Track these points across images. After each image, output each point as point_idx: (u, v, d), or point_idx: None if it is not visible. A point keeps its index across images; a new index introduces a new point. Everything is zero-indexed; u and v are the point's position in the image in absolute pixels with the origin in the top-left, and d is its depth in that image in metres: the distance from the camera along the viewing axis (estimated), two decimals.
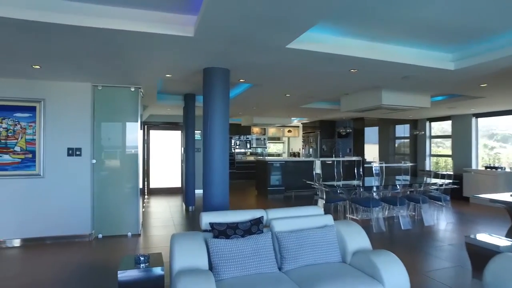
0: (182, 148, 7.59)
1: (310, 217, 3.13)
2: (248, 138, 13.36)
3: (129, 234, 5.07)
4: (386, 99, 5.79)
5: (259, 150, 13.81)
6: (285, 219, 3.03)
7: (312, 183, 6.71)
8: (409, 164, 8.66)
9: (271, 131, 13.85)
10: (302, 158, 11.49)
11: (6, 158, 4.50)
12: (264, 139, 13.72)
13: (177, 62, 3.84)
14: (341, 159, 9.73)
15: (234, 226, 2.80)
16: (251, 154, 13.68)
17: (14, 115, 4.53)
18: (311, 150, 12.31)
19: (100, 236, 4.95)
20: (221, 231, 2.74)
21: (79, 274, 3.66)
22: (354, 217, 6.26)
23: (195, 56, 3.58)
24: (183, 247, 2.54)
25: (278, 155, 14.28)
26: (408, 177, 7.19)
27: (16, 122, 4.53)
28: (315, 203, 6.92)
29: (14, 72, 4.21)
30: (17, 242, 4.56)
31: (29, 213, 4.60)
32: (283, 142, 14.57)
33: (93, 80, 4.77)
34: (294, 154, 13.78)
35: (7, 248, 4.48)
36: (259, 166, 9.77)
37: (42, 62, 3.77)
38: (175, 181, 9.54)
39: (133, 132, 5.11)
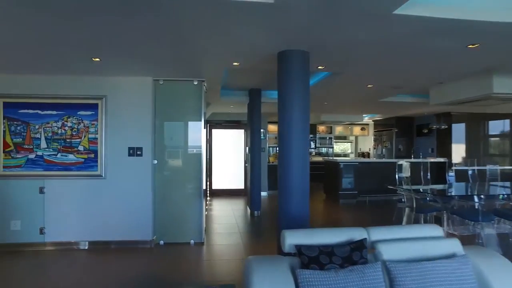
0: (247, 148, 7.04)
1: (429, 241, 2.25)
2: (312, 137, 12.51)
3: (192, 241, 4.61)
4: (499, 87, 4.58)
5: (323, 150, 12.87)
6: (395, 243, 2.20)
7: (397, 187, 5.67)
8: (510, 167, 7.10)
9: (338, 130, 12.79)
10: (378, 159, 10.28)
11: (71, 157, 4.32)
12: (330, 138, 12.71)
13: (249, 44, 3.21)
14: (427, 160, 8.39)
15: (329, 252, 2.05)
16: (316, 154, 12.80)
17: (78, 113, 4.33)
18: (384, 150, 11.04)
19: (161, 242, 4.57)
20: (312, 258, 2.01)
21: (138, 285, 3.27)
22: (451, 232, 5.11)
23: (271, 35, 2.92)
24: (264, 280, 1.88)
25: (345, 155, 13.15)
26: (508, 183, 5.81)
27: (80, 120, 4.33)
28: (398, 212, 5.89)
29: (76, 68, 3.98)
30: (85, 245, 4.36)
31: (93, 215, 4.37)
32: (350, 142, 13.40)
33: (154, 74, 4.39)
34: (363, 155, 12.56)
35: (77, 250, 4.30)
36: (329, 167, 8.83)
37: (101, 54, 3.44)
38: (238, 183, 9.08)
39: (197, 130, 4.65)
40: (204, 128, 4.71)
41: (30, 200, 4.32)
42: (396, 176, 5.88)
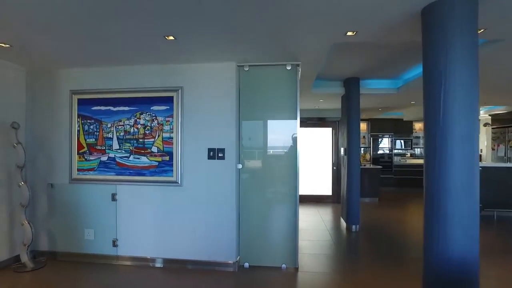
0: (342, 149, 5.88)
1: None
2: (408, 136, 10.73)
3: (283, 266, 3.67)
4: None
5: (417, 151, 10.98)
6: None
7: None
8: None
9: None
10: (507, 164, 8.14)
11: (144, 160, 3.71)
12: None
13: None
14: None
15: None
16: (411, 156, 10.96)
17: (151, 108, 3.70)
18: (509, 151, 8.78)
19: (246, 265, 3.71)
20: None
21: None
22: None
23: None
24: None
25: None
26: None
27: (153, 117, 3.69)
28: None
29: (148, 53, 3.33)
30: (159, 262, 3.73)
31: (168, 229, 3.71)
32: None
33: (238, 58, 3.54)
34: None
35: (151, 268, 3.69)
36: None
37: (176, 29, 2.68)
38: (324, 188, 7.93)
39: (290, 128, 3.69)
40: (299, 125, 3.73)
41: (102, 207, 3.84)
42: None
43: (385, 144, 10.61)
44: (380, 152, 10.58)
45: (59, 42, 3.03)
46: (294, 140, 3.68)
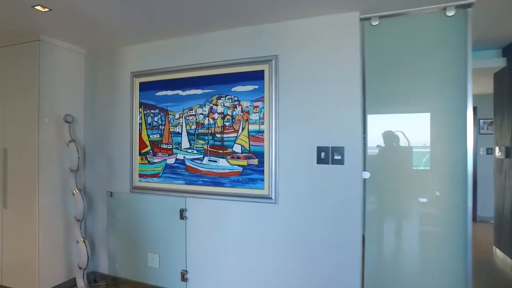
0: (497, 148, 4.06)
1: None
2: None
3: None
4: None
5: None
6: None
7: None
8: None
9: None
10: None
11: (223, 164, 2.61)
12: None
13: None
14: None
15: None
16: None
17: (233, 89, 2.58)
18: None
19: None
20: None
21: None
22: None
23: None
24: None
25: None
26: None
27: (236, 102, 2.57)
28: None
29: (226, 10, 2.21)
30: None
31: (257, 266, 2.54)
32: None
33: (362, 6, 2.22)
34: None
35: None
36: None
37: None
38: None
39: (454, 116, 2.21)
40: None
41: (168, 226, 2.85)
42: None
43: None
44: None
45: (114, 5, 2.09)
46: (464, 136, 2.19)
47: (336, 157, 2.29)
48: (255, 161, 2.48)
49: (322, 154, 2.32)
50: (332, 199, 2.30)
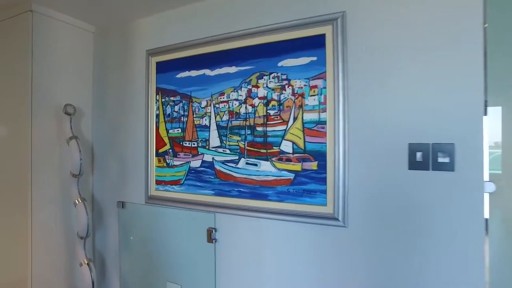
0: None
1: None
2: None
3: None
4: None
5: None
6: None
7: None
8: None
9: None
10: None
11: (266, 169, 1.88)
12: None
13: None
14: None
15: None
16: None
17: (279, 64, 1.85)
18: None
19: None
20: None
21: None
22: None
23: None
24: None
25: None
26: None
27: (284, 82, 1.84)
28: None
29: None
30: None
31: None
32: None
33: None
34: None
35: None
36: None
37: None
38: None
39: None
40: None
41: (193, 251, 2.17)
42: None
43: None
44: None
45: None
46: None
47: (440, 160, 1.50)
48: (313, 165, 1.73)
49: (418, 155, 1.54)
50: (436, 225, 1.51)
